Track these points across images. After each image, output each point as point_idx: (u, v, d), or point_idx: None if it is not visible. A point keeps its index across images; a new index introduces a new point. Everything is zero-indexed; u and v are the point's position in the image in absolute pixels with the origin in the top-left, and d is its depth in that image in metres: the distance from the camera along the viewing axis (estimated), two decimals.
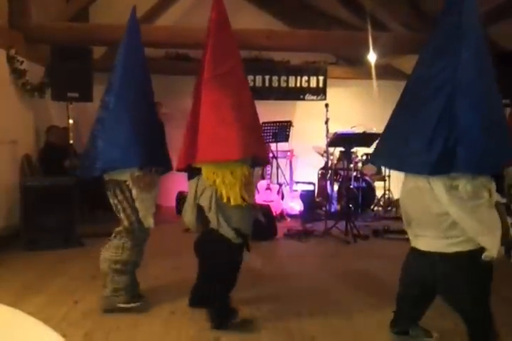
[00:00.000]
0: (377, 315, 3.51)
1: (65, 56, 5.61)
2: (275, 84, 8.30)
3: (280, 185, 7.43)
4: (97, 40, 6.15)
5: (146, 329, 3.24)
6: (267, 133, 7.05)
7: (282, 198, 7.31)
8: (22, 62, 5.78)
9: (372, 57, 6.73)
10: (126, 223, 3.47)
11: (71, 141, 5.93)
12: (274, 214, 6.60)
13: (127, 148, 3.36)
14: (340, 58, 9.07)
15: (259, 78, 8.26)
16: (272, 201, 6.93)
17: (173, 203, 7.78)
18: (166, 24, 7.51)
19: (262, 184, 7.19)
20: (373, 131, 6.60)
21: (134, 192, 3.44)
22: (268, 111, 8.05)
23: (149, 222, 3.52)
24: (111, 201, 3.56)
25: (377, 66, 7.78)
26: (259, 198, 6.99)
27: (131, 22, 3.60)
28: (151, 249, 5.30)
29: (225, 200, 3.13)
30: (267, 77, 8.27)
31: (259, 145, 3.41)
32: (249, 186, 3.27)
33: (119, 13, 6.98)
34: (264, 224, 5.92)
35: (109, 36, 6.05)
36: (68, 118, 5.87)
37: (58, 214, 5.31)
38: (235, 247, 3.28)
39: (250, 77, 8.21)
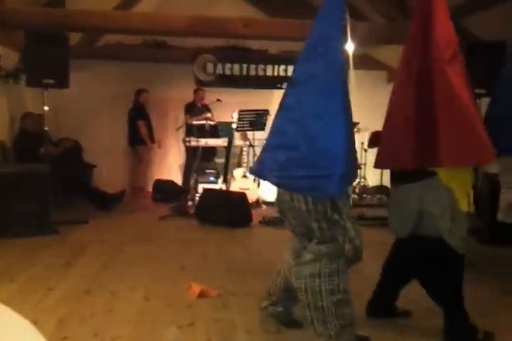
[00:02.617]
0: (353, 299, 3.57)
1: (41, 42, 5.51)
2: (253, 72, 8.29)
3: None
4: (74, 26, 6.06)
5: (120, 315, 3.24)
6: (243, 121, 7.06)
7: (258, 186, 7.35)
8: None
9: (350, 47, 6.75)
10: (350, 247, 2.63)
11: (46, 128, 5.87)
12: (250, 201, 6.63)
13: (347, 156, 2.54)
14: None
15: (236, 66, 8.24)
16: (248, 188, 6.97)
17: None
18: (145, 10, 7.45)
19: (238, 172, 7.21)
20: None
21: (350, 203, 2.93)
22: (245, 100, 8.09)
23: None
24: (327, 216, 2.60)
25: (355, 56, 7.79)
26: (236, 186, 7.03)
27: None
28: (126, 236, 5.38)
29: (462, 207, 2.72)
30: (244, 66, 8.25)
31: None
32: None
33: None
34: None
35: (85, 22, 5.99)
36: (43, 105, 5.80)
37: (32, 201, 5.25)
38: (459, 258, 2.85)
39: (228, 66, 8.21)
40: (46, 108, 5.79)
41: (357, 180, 8.08)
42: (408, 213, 2.89)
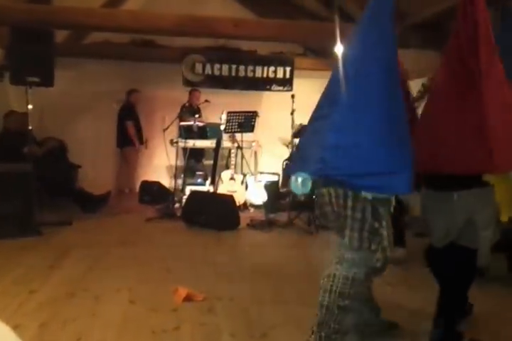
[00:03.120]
0: None
1: (26, 38, 5.41)
2: (242, 73, 8.25)
3: (244, 175, 7.41)
4: (60, 23, 5.96)
5: (104, 319, 3.18)
6: (232, 123, 7.01)
7: (246, 188, 7.30)
8: None
9: (339, 49, 6.72)
10: (381, 256, 2.58)
11: (30, 127, 5.75)
12: (238, 204, 6.57)
13: None
14: (308, 49, 9.08)
15: (225, 67, 8.19)
16: (235, 191, 6.90)
17: None
18: (133, 9, 7.37)
19: (226, 174, 7.16)
20: None
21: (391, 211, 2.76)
22: (234, 101, 8.04)
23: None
24: (363, 225, 2.56)
25: None
26: (223, 188, 6.97)
27: None
28: (112, 238, 5.31)
29: (503, 218, 2.77)
30: (233, 67, 8.20)
31: None
32: None
33: None
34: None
35: (72, 19, 5.90)
36: (27, 104, 5.69)
37: (16, 202, 5.16)
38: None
39: (217, 66, 8.15)
40: (30, 106, 5.68)
41: None
42: (456, 222, 2.82)
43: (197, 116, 7.44)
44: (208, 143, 7.42)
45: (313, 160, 2.54)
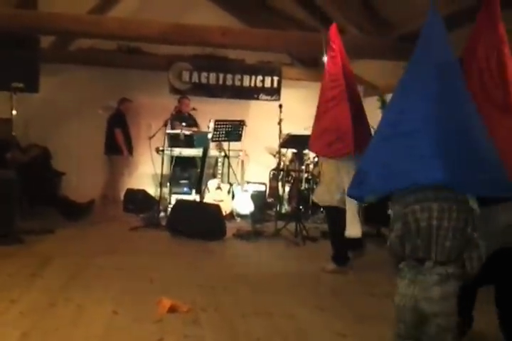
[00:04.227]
0: (322, 315, 3.54)
1: (11, 44, 5.38)
2: (229, 82, 8.24)
3: (231, 184, 7.36)
4: (46, 28, 5.89)
5: (86, 330, 3.11)
6: (219, 131, 6.98)
7: (233, 198, 7.25)
8: None
9: (326, 59, 6.73)
10: (477, 264, 2.60)
11: (14, 133, 5.68)
12: (224, 213, 6.52)
13: None
14: (296, 59, 9.10)
15: (213, 76, 8.18)
16: (222, 200, 6.86)
17: None
18: (120, 16, 7.33)
19: (212, 183, 7.11)
20: None
21: None
22: (221, 110, 8.01)
23: None
24: (464, 234, 2.59)
25: None
26: (209, 197, 6.92)
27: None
28: (95, 247, 5.23)
29: None
30: (221, 75, 8.20)
31: None
32: None
33: (70, 2, 6.81)
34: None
35: (58, 25, 5.83)
36: (12, 109, 5.61)
37: None
38: None
39: (204, 74, 8.14)
40: (15, 112, 5.61)
41: None
42: (500, 228, 2.98)
43: (184, 124, 7.40)
44: (195, 152, 7.37)
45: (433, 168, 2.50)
